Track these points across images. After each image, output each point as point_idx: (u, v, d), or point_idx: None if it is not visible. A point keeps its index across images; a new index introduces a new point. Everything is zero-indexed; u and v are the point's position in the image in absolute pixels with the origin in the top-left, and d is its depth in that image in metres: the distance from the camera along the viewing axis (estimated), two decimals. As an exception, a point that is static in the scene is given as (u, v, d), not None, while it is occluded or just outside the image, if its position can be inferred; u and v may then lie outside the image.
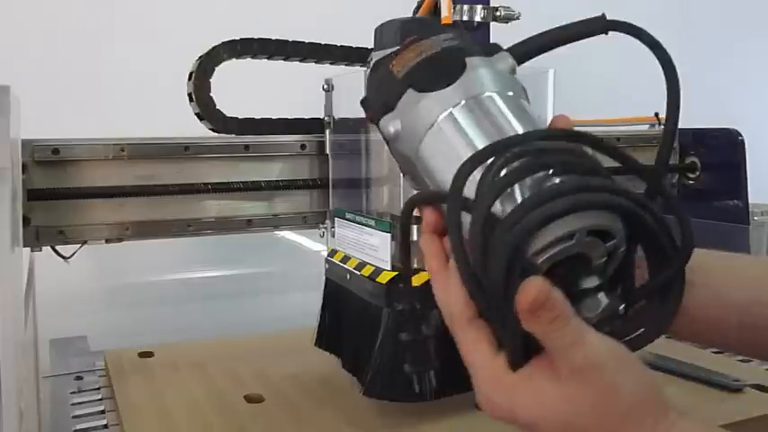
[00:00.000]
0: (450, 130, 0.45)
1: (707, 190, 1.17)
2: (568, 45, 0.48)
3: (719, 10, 1.81)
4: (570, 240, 0.39)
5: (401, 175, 0.54)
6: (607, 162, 0.43)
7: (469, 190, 0.41)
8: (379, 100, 0.48)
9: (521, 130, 0.43)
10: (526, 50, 0.48)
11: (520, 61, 0.48)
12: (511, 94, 0.46)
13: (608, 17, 0.46)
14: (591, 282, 0.41)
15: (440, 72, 0.46)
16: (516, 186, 0.40)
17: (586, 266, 0.41)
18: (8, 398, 0.53)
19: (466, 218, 0.41)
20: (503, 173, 0.40)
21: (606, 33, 0.46)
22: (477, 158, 0.41)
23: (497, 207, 0.40)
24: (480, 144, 0.43)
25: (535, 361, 0.40)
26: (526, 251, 0.39)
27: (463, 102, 0.45)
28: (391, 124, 0.47)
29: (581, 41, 0.48)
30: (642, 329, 0.44)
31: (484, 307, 0.41)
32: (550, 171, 0.41)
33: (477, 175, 0.41)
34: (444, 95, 0.45)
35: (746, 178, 1.15)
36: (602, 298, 0.40)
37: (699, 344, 0.68)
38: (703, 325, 0.50)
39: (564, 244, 0.39)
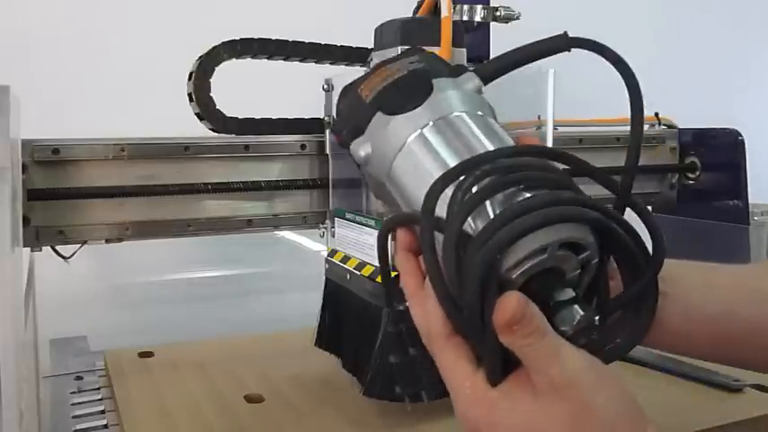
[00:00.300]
0: (420, 150, 0.45)
1: (707, 190, 1.17)
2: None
3: (719, 10, 1.80)
4: (543, 254, 0.39)
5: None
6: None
7: (442, 209, 0.41)
8: (349, 125, 0.48)
9: (491, 148, 0.43)
10: (492, 70, 0.49)
11: (486, 81, 0.48)
12: (480, 113, 0.46)
13: (571, 34, 0.46)
14: (565, 294, 0.40)
15: (407, 94, 0.46)
16: (488, 203, 0.40)
17: (560, 279, 0.41)
18: (8, 398, 0.53)
19: (440, 237, 0.40)
20: (474, 190, 0.40)
21: (569, 50, 0.46)
22: (447, 177, 0.41)
23: (470, 225, 0.40)
24: (451, 163, 0.43)
25: (513, 376, 0.40)
26: (500, 267, 0.39)
27: (432, 122, 0.45)
28: (361, 148, 0.47)
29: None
30: (617, 340, 0.44)
31: (461, 325, 0.41)
32: (521, 186, 0.41)
33: (449, 193, 0.41)
34: (413, 117, 0.45)
35: (746, 178, 1.14)
36: (577, 310, 0.40)
37: (676, 354, 0.68)
38: (679, 337, 0.50)
39: (537, 258, 0.39)
